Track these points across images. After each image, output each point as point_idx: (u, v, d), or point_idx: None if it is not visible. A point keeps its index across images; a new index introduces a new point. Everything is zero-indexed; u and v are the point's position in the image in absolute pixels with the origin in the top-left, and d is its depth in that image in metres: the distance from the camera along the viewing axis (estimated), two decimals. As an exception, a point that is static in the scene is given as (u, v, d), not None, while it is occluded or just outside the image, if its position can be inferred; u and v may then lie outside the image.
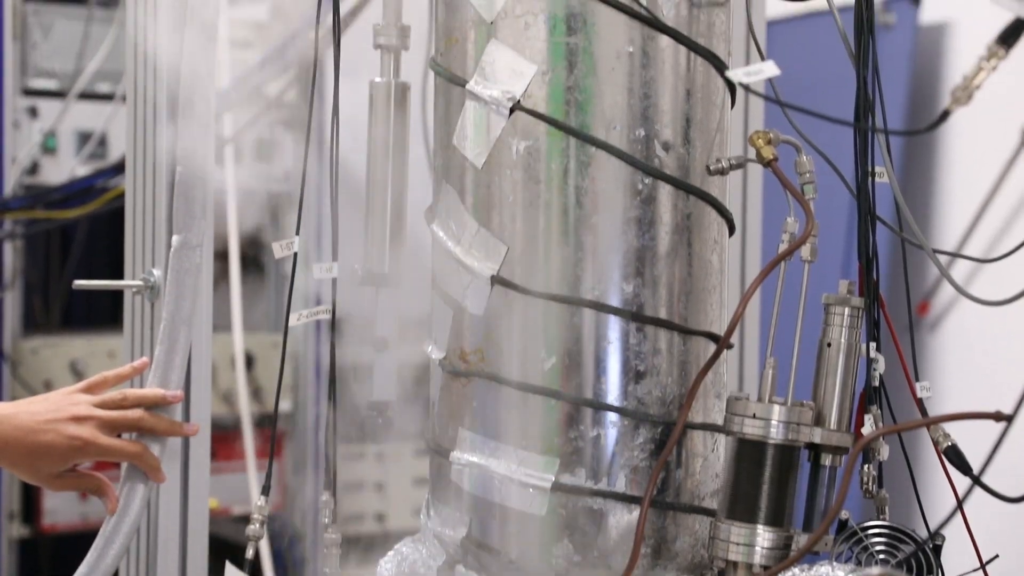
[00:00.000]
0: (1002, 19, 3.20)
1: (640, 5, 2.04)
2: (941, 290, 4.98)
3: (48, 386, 4.98)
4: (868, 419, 2.03)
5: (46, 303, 5.65)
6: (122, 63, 3.02)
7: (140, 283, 2.63)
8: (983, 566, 2.04)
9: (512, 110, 2.06)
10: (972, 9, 5.02)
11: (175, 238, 2.49)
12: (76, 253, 5.57)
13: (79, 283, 2.65)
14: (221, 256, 4.62)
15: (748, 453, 2.00)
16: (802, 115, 2.02)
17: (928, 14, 5.37)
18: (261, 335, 5.39)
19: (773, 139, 2.05)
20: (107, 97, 5.22)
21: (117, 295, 2.82)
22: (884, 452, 2.06)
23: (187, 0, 2.45)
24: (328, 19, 2.40)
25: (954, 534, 1.94)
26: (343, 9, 3.64)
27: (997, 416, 1.59)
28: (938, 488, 2.18)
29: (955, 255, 3.06)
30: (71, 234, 5.60)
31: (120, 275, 2.77)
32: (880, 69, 2.09)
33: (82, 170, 5.03)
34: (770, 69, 1.91)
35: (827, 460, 2.03)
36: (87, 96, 5.20)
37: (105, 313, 5.73)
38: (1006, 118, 4.57)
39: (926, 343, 5.06)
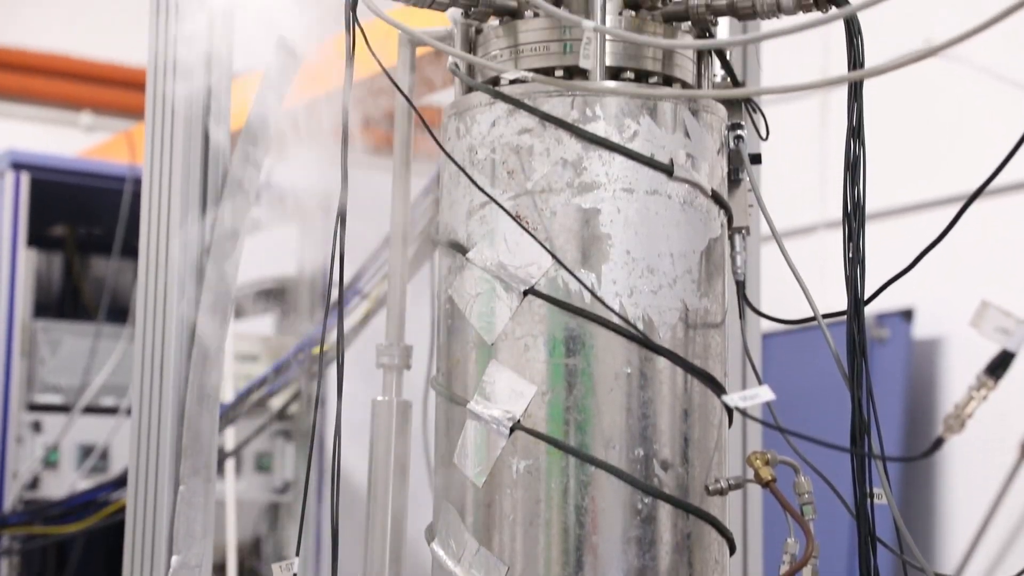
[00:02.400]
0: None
1: (636, 328, 2.09)
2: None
3: None
4: None
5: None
6: (128, 377, 3.06)
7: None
8: None
9: (512, 429, 2.09)
10: (964, 325, 5.10)
11: (174, 559, 2.48)
12: (72, 568, 5.50)
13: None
14: (219, 569, 4.58)
15: None
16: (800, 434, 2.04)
17: (921, 329, 5.47)
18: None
19: (771, 460, 2.07)
20: (111, 411, 5.26)
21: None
22: None
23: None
24: (332, 335, 2.45)
25: None
26: (347, 325, 3.72)
27: None
28: None
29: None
30: (68, 549, 5.55)
31: (117, 594, 2.74)
32: (876, 383, 2.12)
33: (83, 483, 5.03)
34: (766, 394, 1.94)
35: None
36: (91, 410, 5.25)
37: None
38: (1003, 436, 4.60)
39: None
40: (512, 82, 2.20)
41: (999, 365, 1.59)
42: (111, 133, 7.79)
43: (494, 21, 2.30)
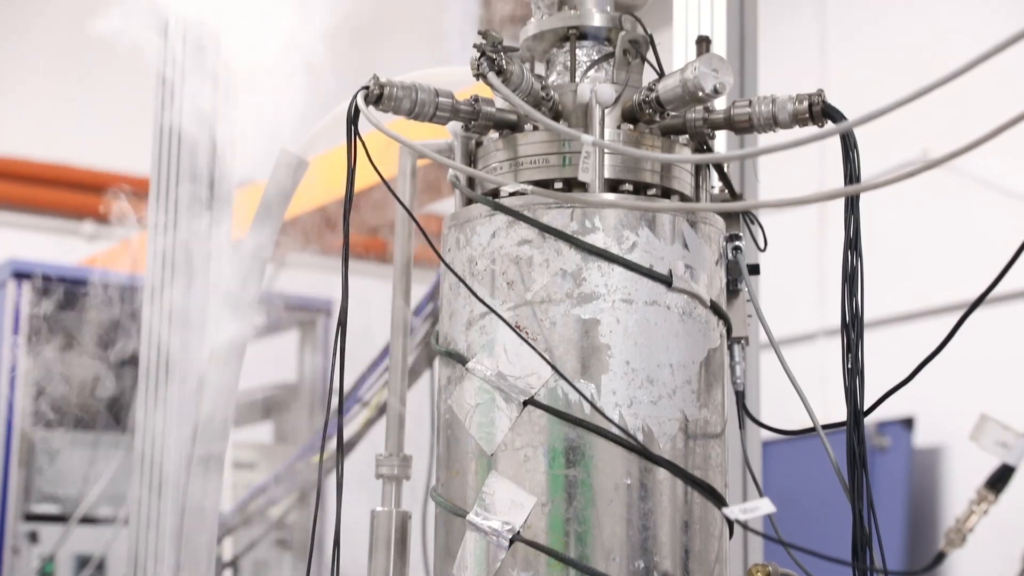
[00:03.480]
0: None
1: (636, 439, 2.09)
2: None
3: None
4: None
5: None
6: (126, 486, 3.05)
7: None
8: None
9: (512, 541, 2.08)
10: (965, 434, 5.09)
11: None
12: None
13: None
14: None
15: None
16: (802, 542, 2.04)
17: (922, 437, 5.45)
18: None
19: (773, 572, 2.06)
20: (109, 521, 5.23)
21: None
22: None
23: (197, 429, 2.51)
24: (332, 443, 2.44)
25: None
26: (347, 433, 3.71)
27: None
28: None
29: None
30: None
31: None
32: (876, 491, 2.12)
33: (79, 595, 4.99)
34: (766, 506, 1.94)
35: None
36: (89, 520, 5.22)
37: None
38: (1004, 548, 4.56)
39: None
40: (512, 194, 2.22)
41: (999, 479, 1.59)
42: (113, 242, 7.83)
43: (494, 134, 2.33)
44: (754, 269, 2.35)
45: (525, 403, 2.11)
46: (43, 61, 8.87)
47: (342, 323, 2.21)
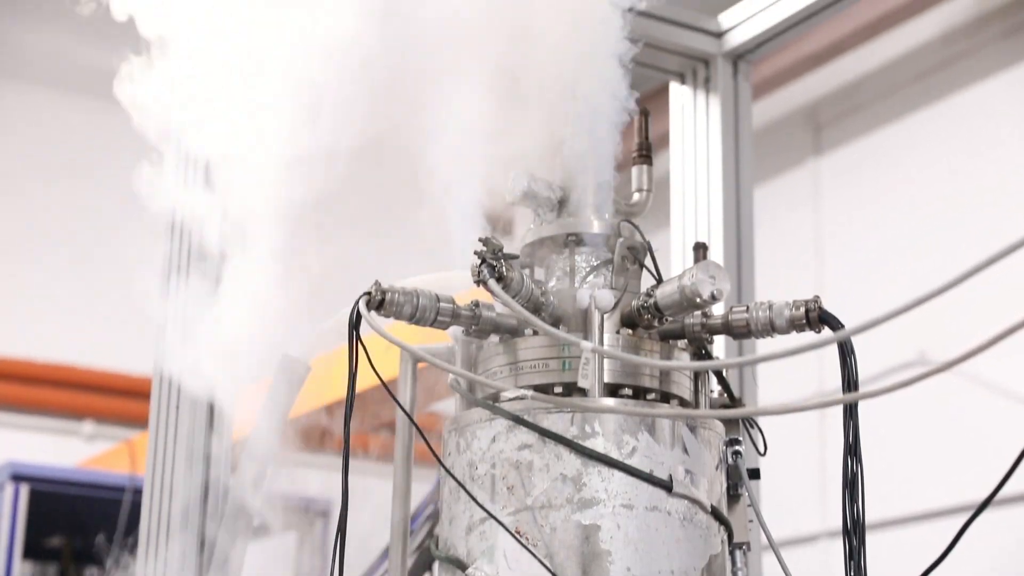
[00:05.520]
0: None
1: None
2: None
3: None
4: None
5: None
6: None
7: None
8: None
9: None
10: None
11: None
12: None
13: None
14: None
15: None
16: None
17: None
18: None
19: None
20: None
21: None
22: None
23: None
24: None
25: None
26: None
27: None
28: None
29: None
30: None
31: None
32: None
33: None
34: None
35: None
36: None
37: None
38: None
39: None
40: (512, 398, 2.23)
41: None
42: (113, 442, 7.82)
43: (494, 338, 2.35)
44: (754, 473, 2.34)
45: (525, 610, 2.09)
46: (43, 262, 8.97)
47: (341, 529, 2.19)
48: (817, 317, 2.20)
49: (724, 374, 2.44)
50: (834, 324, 2.18)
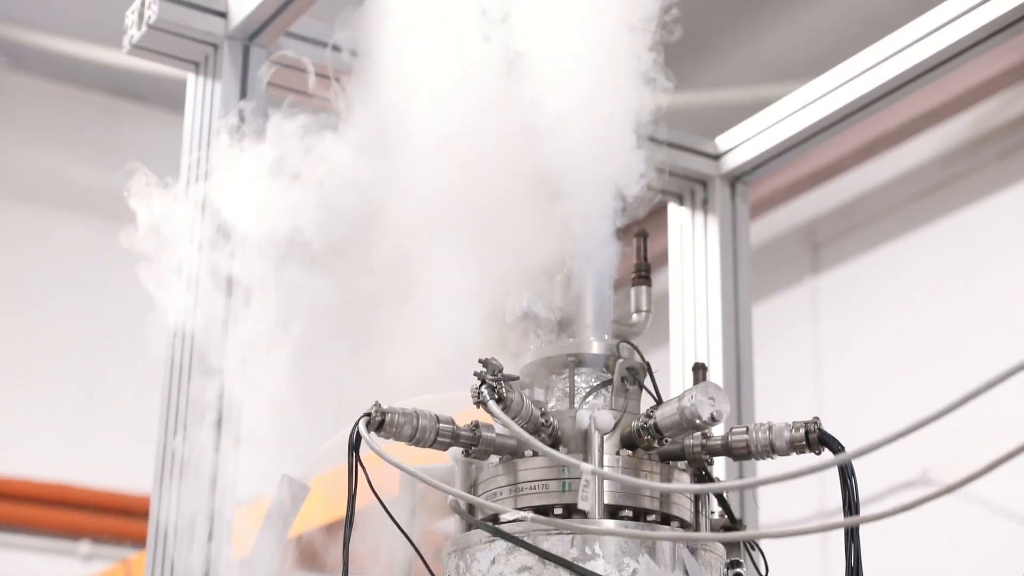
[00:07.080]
0: None
1: None
2: None
3: None
4: None
5: None
6: None
7: None
8: None
9: None
10: None
11: None
12: None
13: None
14: None
15: None
16: None
17: None
18: None
19: None
20: None
21: None
22: None
23: None
24: None
25: None
26: None
27: None
28: None
29: None
30: None
31: None
32: None
33: None
34: None
35: None
36: None
37: None
38: None
39: None
40: (512, 520, 2.22)
41: None
42: (110, 562, 7.75)
43: (494, 458, 2.34)
44: (756, 596, 2.32)
45: None
46: (39, 381, 8.96)
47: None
48: (817, 439, 2.20)
49: (725, 496, 2.43)
50: (834, 447, 2.17)
